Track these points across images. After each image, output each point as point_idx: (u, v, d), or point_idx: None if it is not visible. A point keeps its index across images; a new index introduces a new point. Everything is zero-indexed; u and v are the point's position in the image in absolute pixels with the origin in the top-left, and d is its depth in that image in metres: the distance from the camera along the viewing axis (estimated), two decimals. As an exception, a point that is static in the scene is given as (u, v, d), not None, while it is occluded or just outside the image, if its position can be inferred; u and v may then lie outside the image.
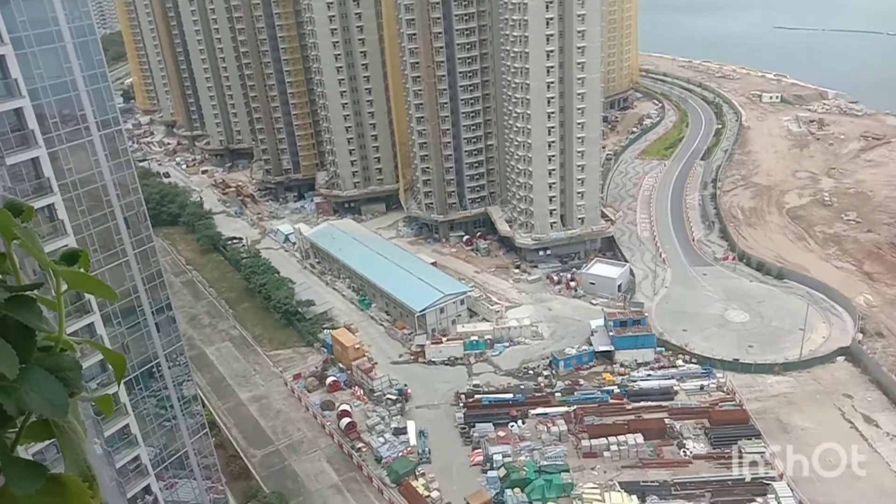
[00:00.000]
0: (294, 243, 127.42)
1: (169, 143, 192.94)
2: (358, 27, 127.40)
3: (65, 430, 3.00)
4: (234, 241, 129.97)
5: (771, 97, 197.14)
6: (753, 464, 69.51)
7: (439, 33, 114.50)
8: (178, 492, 57.49)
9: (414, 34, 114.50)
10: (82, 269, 3.20)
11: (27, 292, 3.07)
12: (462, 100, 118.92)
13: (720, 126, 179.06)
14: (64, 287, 3.10)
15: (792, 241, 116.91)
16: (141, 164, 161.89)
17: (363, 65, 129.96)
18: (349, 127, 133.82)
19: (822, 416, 76.67)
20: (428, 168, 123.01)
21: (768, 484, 66.81)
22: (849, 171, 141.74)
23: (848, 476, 67.89)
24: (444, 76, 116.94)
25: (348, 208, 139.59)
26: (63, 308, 3.14)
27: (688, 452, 72.33)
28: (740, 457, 70.49)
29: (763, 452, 70.81)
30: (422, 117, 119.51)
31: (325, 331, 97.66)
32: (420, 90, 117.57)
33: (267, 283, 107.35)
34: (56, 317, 3.18)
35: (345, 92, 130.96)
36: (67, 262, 3.18)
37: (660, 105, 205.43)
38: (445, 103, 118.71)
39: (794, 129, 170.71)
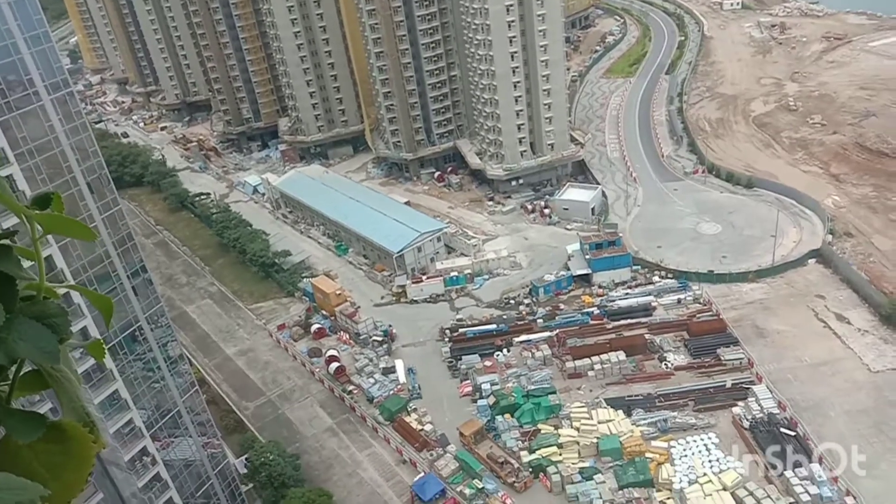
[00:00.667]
0: (263, 194, 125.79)
1: (123, 102, 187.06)
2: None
3: (58, 378, 3.00)
4: (203, 196, 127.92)
5: (732, 4, 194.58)
6: (734, 370, 71.99)
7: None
8: (174, 450, 58.17)
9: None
10: (56, 213, 3.10)
11: (2, 240, 3.01)
12: (421, 31, 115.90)
13: (682, 38, 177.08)
14: (39, 231, 3.02)
15: (759, 149, 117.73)
16: (97, 125, 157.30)
17: (315, 2, 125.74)
18: (307, 69, 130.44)
19: (797, 319, 78.98)
20: (392, 106, 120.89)
21: (748, 388, 69.20)
22: (812, 73, 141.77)
23: (823, 373, 70.63)
24: (399, 7, 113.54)
25: (315, 154, 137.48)
26: (41, 254, 3.09)
27: (669, 365, 74.43)
28: (720, 364, 72.84)
29: (742, 358, 73.10)
30: (381, 53, 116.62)
31: (305, 280, 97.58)
32: (377, 24, 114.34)
33: (240, 236, 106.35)
34: (35, 268, 3.10)
35: (299, 32, 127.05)
36: (40, 207, 3.09)
37: (621, 21, 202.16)
38: (404, 36, 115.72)
39: (756, 35, 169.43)
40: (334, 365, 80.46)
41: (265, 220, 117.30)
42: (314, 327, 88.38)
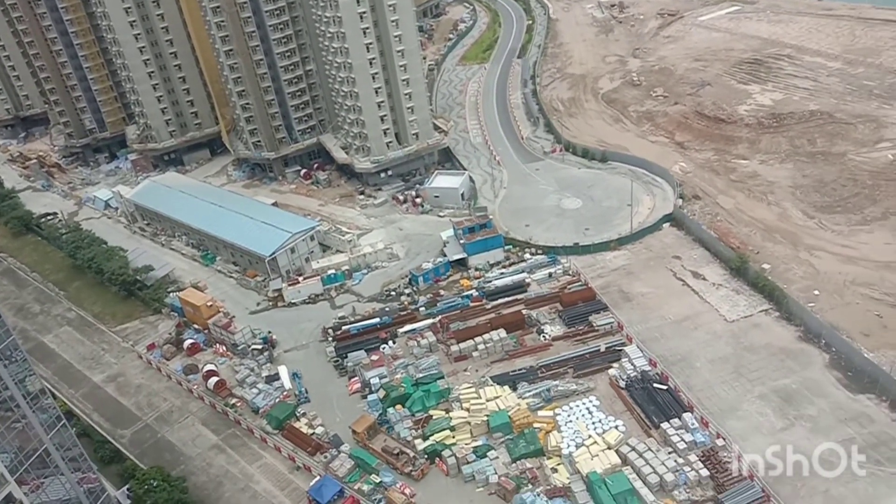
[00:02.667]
0: (116, 208, 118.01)
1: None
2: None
3: None
4: (49, 217, 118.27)
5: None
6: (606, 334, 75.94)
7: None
8: (46, 492, 53.96)
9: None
10: None
11: None
12: (271, 26, 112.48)
13: (530, 22, 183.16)
14: None
15: (610, 124, 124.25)
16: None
17: (154, 1, 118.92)
18: (152, 73, 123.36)
19: (658, 280, 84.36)
20: (248, 105, 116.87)
21: (620, 350, 73.24)
22: (651, 49, 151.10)
23: (686, 327, 75.96)
24: (245, 3, 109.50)
25: (169, 161, 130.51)
26: None
27: (547, 336, 77.35)
28: (593, 330, 76.59)
29: (612, 323, 77.20)
30: (230, 51, 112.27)
31: (172, 294, 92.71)
32: (223, 22, 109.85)
33: (95, 256, 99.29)
34: None
35: (139, 35, 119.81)
36: None
37: (471, 8, 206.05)
38: (253, 32, 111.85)
39: (597, 15, 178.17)
40: (213, 379, 77.19)
41: (121, 236, 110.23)
42: (187, 343, 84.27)
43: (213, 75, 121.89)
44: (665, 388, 68.01)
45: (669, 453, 61.23)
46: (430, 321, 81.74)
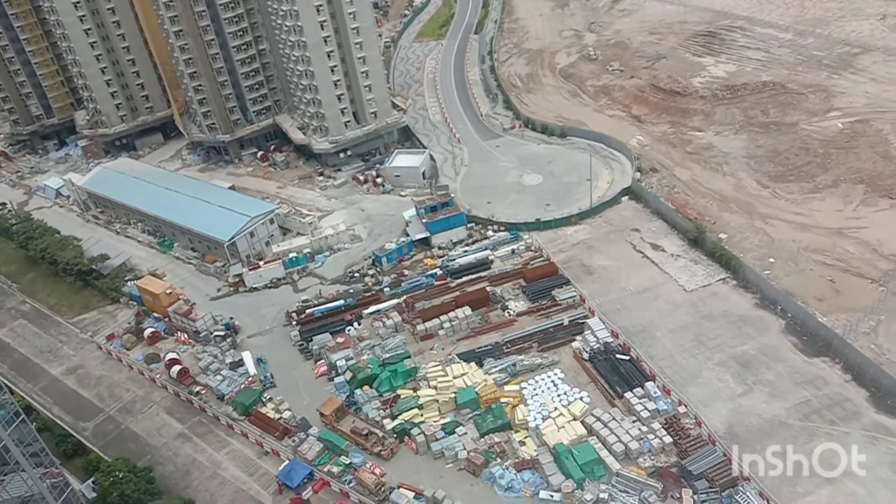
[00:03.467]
0: (68, 196, 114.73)
1: None
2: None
3: None
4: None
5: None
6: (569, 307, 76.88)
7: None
8: (7, 489, 52.84)
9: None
10: None
11: None
12: (221, 5, 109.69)
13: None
14: None
15: (568, 99, 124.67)
16: None
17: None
18: (100, 56, 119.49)
19: (618, 253, 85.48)
20: (200, 86, 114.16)
21: (583, 322, 74.24)
22: (606, 23, 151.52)
23: (647, 298, 77.27)
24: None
25: (121, 146, 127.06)
26: None
27: (511, 312, 77.95)
28: (556, 304, 77.44)
29: (574, 296, 78.12)
30: (180, 32, 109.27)
31: (130, 283, 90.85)
32: (171, 2, 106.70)
33: (48, 246, 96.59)
34: None
35: (84, 17, 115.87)
36: None
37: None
38: (203, 12, 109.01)
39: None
40: (176, 368, 76.10)
41: (74, 225, 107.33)
42: (147, 332, 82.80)
43: (163, 57, 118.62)
44: (627, 358, 69.27)
45: (633, 422, 62.54)
46: (395, 301, 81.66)
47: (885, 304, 70.68)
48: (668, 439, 60.68)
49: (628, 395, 64.98)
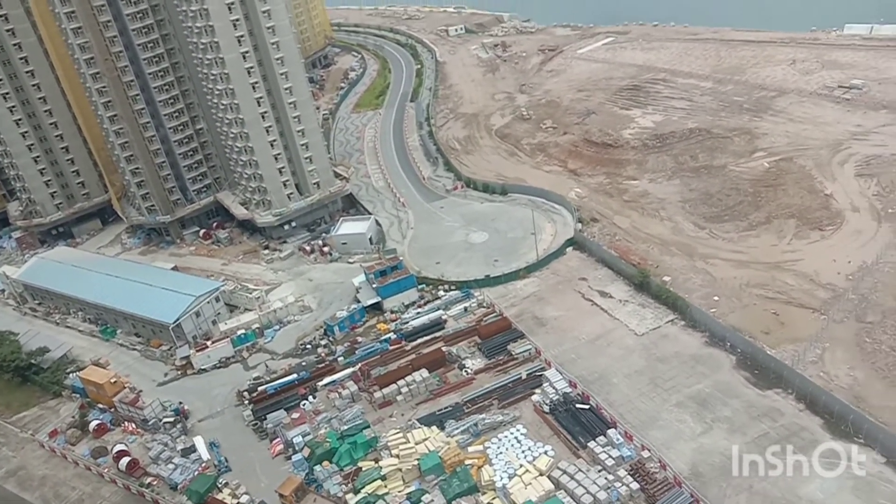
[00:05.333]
0: (3, 290, 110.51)
1: None
2: (8, 30, 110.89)
3: None
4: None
5: (456, 30, 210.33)
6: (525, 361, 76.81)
7: (108, 21, 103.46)
8: None
9: (79, 27, 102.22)
10: None
11: None
12: (155, 87, 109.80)
13: (419, 66, 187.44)
14: None
15: (506, 158, 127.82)
16: None
17: (28, 72, 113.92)
18: (31, 145, 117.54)
19: (568, 303, 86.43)
20: (138, 169, 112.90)
21: (541, 375, 74.17)
22: (536, 84, 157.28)
23: (600, 345, 77.92)
24: (126, 66, 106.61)
25: (58, 234, 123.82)
26: None
27: (469, 371, 77.43)
28: (513, 358, 77.35)
29: (529, 349, 78.27)
30: (114, 116, 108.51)
31: (72, 375, 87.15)
32: (104, 87, 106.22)
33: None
34: None
35: (14, 107, 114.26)
36: None
37: (359, 56, 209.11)
38: (137, 95, 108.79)
39: (482, 55, 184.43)
40: (125, 460, 72.56)
41: (10, 319, 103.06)
42: (93, 425, 79.05)
43: (98, 142, 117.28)
44: (587, 407, 69.23)
45: (599, 471, 62.07)
46: (350, 370, 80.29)
47: (828, 331, 72.90)
48: (634, 486, 60.26)
49: (592, 444, 64.67)
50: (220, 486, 69.00)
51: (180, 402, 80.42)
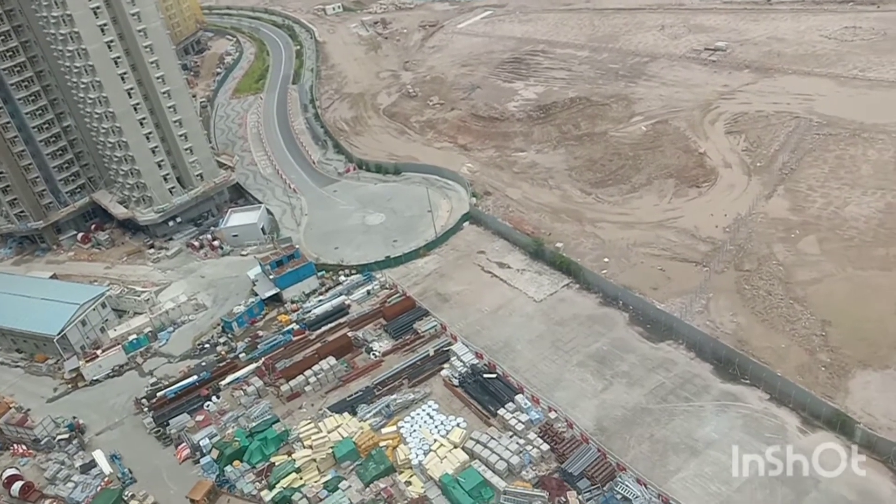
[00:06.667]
0: None
1: None
2: None
3: None
4: None
5: (334, 8, 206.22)
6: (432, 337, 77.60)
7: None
8: None
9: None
10: None
11: None
12: (12, 84, 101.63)
13: (298, 47, 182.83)
14: None
15: (396, 137, 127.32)
16: None
17: None
18: None
19: (469, 277, 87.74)
20: (2, 173, 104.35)
21: (448, 350, 75.14)
22: (420, 60, 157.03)
23: (502, 315, 79.72)
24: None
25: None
26: None
27: (377, 354, 77.35)
28: (420, 337, 77.93)
29: (435, 326, 79.07)
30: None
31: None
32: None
33: None
34: None
35: None
36: None
37: (234, 40, 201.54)
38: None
39: (363, 33, 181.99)
40: (17, 484, 67.91)
41: None
42: (-24, 452, 73.51)
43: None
44: (494, 376, 70.85)
45: (511, 437, 63.86)
46: (253, 366, 78.32)
47: (711, 282, 77.72)
48: (545, 447, 62.44)
49: (501, 411, 66.33)
50: (126, 498, 65.92)
51: (74, 417, 76.03)
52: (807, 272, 76.23)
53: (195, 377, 78.06)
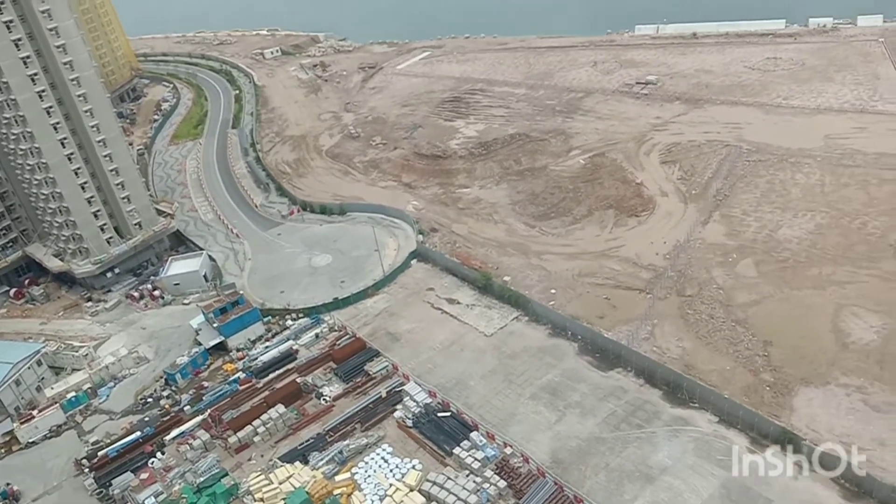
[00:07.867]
0: None
1: None
2: None
3: None
4: None
5: (272, 52, 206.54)
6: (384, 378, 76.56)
7: None
8: None
9: None
10: None
11: None
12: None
13: (237, 92, 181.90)
14: None
15: (340, 177, 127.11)
16: None
17: None
18: None
19: (419, 314, 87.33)
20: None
21: (401, 390, 74.22)
22: (361, 101, 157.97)
23: (454, 351, 79.38)
24: None
25: None
26: None
27: (327, 399, 75.80)
28: (371, 378, 76.83)
29: (387, 366, 78.12)
30: None
31: None
32: None
33: None
34: None
35: None
36: None
37: (171, 86, 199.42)
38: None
39: (302, 76, 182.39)
40: (-55, 562, 63.72)
41: None
42: None
43: None
44: (448, 414, 70.21)
45: (468, 476, 63.08)
46: (199, 418, 75.71)
47: (655, 309, 79.23)
48: (502, 484, 61.86)
49: (457, 450, 65.59)
50: (65, 569, 62.44)
51: (7, 484, 71.91)
52: (746, 294, 78.47)
53: (138, 433, 74.98)
